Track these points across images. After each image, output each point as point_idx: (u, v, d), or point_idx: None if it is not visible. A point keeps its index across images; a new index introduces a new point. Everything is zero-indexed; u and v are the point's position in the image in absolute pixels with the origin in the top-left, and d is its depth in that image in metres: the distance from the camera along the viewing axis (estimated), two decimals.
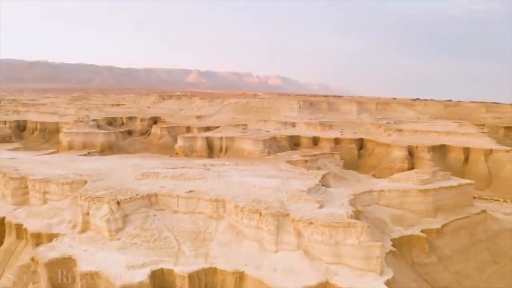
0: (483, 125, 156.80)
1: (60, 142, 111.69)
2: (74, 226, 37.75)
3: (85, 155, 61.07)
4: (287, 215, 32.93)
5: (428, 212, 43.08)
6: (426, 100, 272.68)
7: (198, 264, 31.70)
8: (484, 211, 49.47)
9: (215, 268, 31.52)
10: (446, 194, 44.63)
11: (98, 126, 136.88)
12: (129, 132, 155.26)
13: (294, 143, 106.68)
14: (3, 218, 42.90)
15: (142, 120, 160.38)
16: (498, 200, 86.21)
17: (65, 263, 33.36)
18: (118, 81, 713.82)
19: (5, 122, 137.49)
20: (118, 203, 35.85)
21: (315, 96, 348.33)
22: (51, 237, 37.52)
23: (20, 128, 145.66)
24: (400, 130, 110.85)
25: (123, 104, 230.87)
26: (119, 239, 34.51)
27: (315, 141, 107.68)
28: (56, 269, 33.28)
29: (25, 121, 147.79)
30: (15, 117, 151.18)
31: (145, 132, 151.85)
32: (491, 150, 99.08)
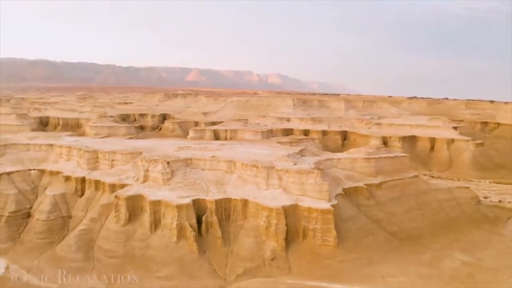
0: (461, 120, 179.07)
1: (84, 135, 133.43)
2: (137, 179, 60.36)
3: (129, 138, 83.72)
4: (273, 167, 55.61)
5: (371, 173, 65.57)
6: (423, 98, 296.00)
7: (220, 196, 54.25)
8: (416, 176, 72.03)
9: (230, 198, 54.13)
10: (385, 162, 67.15)
11: (115, 122, 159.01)
12: (141, 128, 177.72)
13: (288, 134, 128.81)
14: (83, 177, 65.43)
15: (152, 116, 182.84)
16: (453, 179, 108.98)
17: (137, 198, 55.91)
18: (118, 80, 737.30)
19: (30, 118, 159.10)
20: (168, 163, 58.47)
21: (314, 94, 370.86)
22: (122, 186, 60.02)
23: (43, 123, 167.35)
24: (378, 124, 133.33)
25: (131, 103, 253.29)
26: (169, 184, 57.11)
27: (306, 133, 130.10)
28: (131, 202, 55.74)
29: (47, 117, 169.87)
30: (36, 114, 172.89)
31: (156, 127, 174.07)
32: (452, 139, 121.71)
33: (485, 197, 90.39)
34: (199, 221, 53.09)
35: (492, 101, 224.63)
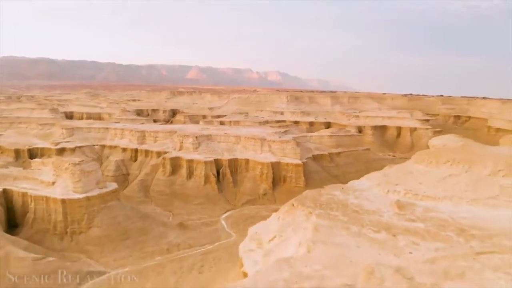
0: (437, 114, 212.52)
1: None
2: (175, 149, 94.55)
3: (161, 124, 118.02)
4: (265, 139, 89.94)
5: (333, 146, 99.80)
6: (419, 95, 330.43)
7: (230, 157, 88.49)
8: (368, 149, 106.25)
9: (237, 158, 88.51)
10: (343, 138, 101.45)
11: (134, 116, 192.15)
12: (154, 121, 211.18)
13: (281, 125, 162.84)
14: (136, 148, 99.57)
15: (164, 111, 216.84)
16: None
17: (177, 158, 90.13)
18: (119, 77, 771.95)
19: None
20: (196, 137, 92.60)
21: (312, 91, 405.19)
22: (165, 153, 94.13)
23: (68, 117, 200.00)
24: (357, 116, 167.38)
25: (139, 100, 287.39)
26: (197, 151, 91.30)
27: (296, 124, 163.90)
28: (173, 161, 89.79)
29: (71, 112, 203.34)
30: (61, 109, 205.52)
31: (168, 121, 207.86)
32: (415, 128, 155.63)
33: None
34: (218, 172, 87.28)
35: (485, 98, 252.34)
